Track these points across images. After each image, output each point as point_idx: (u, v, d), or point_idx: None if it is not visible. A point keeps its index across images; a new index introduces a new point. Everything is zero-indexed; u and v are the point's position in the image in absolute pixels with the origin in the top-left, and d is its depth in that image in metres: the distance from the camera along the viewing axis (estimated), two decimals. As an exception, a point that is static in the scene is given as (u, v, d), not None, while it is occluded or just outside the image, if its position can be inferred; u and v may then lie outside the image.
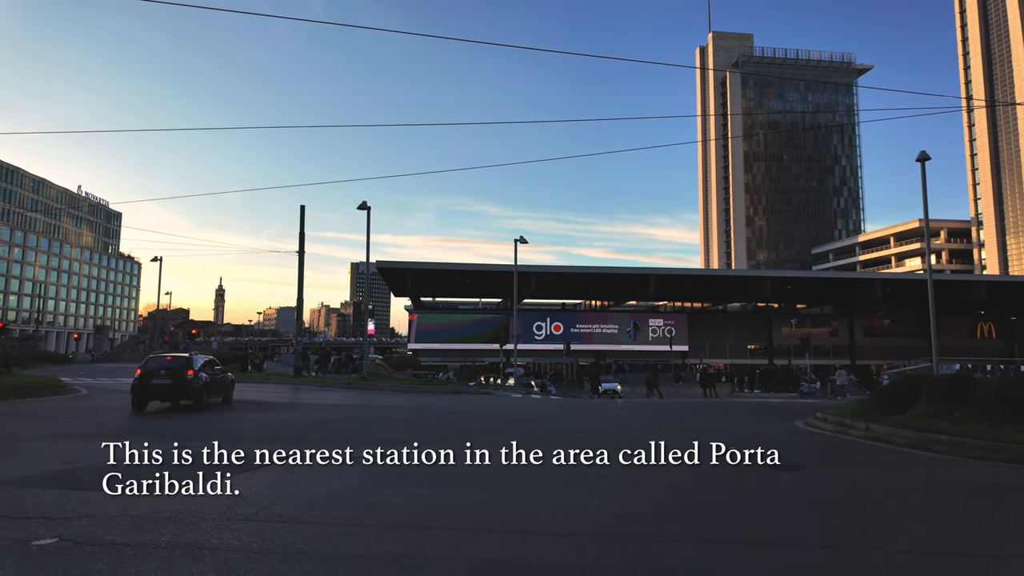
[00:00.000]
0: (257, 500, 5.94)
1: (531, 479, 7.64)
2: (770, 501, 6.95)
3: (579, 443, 11.24)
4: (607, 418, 16.88)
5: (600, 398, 33.85)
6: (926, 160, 25.41)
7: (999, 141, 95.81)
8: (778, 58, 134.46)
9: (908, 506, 6.84)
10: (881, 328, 67.97)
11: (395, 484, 7.08)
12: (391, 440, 10.52)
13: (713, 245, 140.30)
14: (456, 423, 14.65)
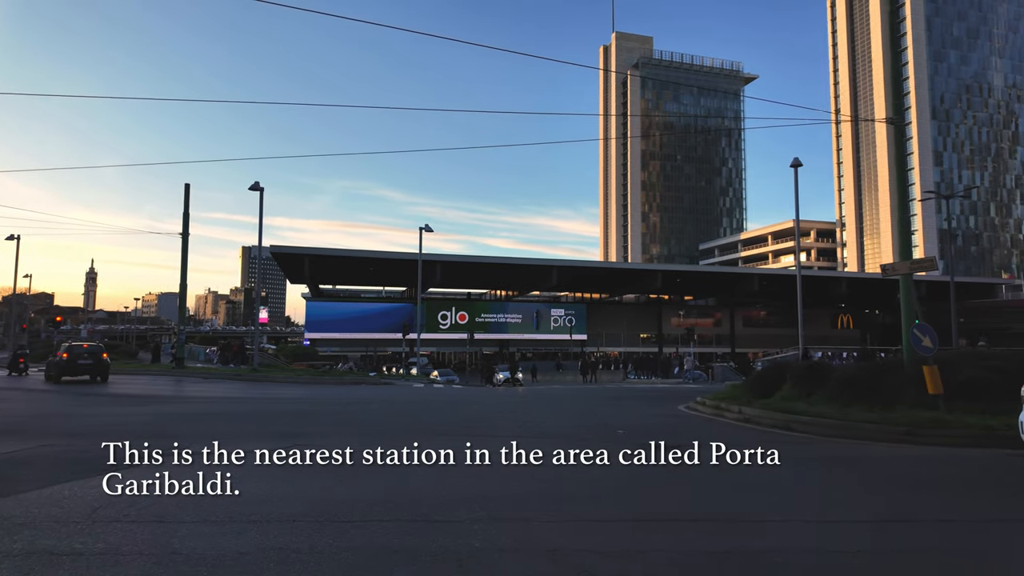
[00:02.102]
0: (130, 500, 5.55)
1: (428, 469, 7.68)
2: (652, 479, 7.43)
3: (478, 431, 11.46)
4: (508, 406, 17.23)
5: (502, 387, 34.40)
6: (798, 166, 28.01)
7: (861, 152, 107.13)
8: (675, 62, 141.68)
9: (766, 480, 7.58)
10: (758, 319, 74.32)
11: (285, 478, 6.86)
12: (283, 434, 10.16)
13: (612, 239, 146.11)
14: (353, 414, 14.36)
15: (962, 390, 11.72)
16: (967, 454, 9.40)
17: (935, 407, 11.35)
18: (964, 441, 10.28)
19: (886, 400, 12.00)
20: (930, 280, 57.35)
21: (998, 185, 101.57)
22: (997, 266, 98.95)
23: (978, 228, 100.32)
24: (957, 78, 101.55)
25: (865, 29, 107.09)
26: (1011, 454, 9.27)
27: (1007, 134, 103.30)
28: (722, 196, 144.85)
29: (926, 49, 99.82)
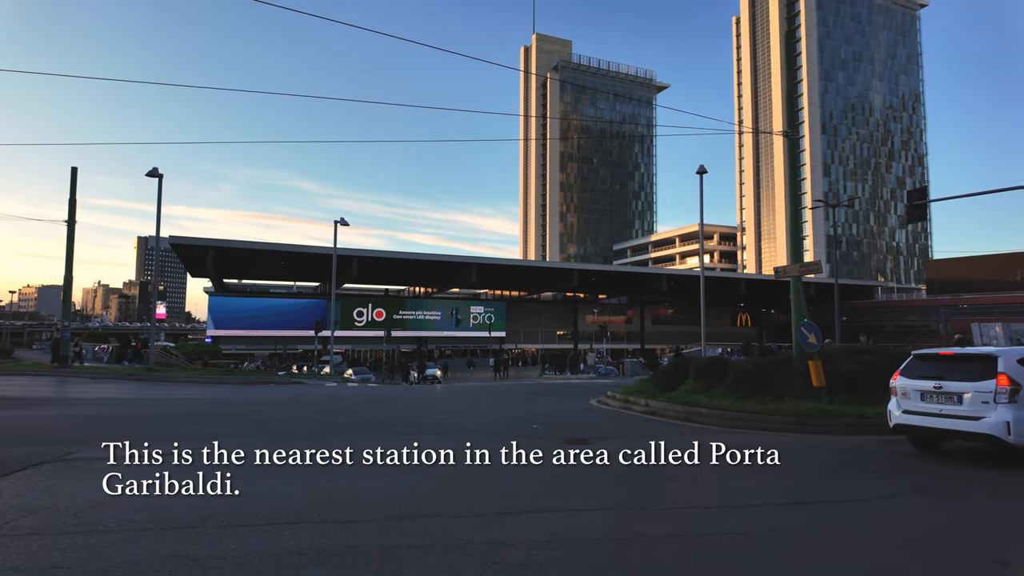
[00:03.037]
0: (1, 512, 5.06)
1: (339, 470, 7.53)
2: (560, 472, 7.66)
3: (393, 430, 11.32)
4: (424, 404, 17.10)
5: (419, 384, 34.07)
6: (703, 173, 29.61)
7: (760, 162, 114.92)
8: (593, 67, 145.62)
9: (671, 472, 8.02)
10: (666, 317, 78.09)
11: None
12: (178, 436, 9.57)
13: (531, 237, 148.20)
14: (258, 415, 13.75)
15: (842, 382, 12.90)
16: (845, 441, 10.36)
17: (819, 398, 12.42)
18: (844, 429, 11.33)
19: (777, 392, 13.00)
20: (818, 282, 62.42)
21: (876, 197, 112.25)
22: (874, 270, 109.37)
23: (859, 235, 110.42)
24: (844, 97, 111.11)
25: (766, 48, 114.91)
26: (880, 440, 10.33)
27: (884, 150, 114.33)
28: (635, 199, 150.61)
29: (818, 69, 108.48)
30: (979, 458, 8.66)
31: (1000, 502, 6.33)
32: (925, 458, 8.72)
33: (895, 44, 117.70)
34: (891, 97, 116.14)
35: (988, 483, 7.18)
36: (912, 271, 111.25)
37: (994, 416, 7.98)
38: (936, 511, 5.95)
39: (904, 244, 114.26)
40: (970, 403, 8.26)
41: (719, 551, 4.61)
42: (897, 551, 4.67)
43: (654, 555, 4.49)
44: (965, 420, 8.32)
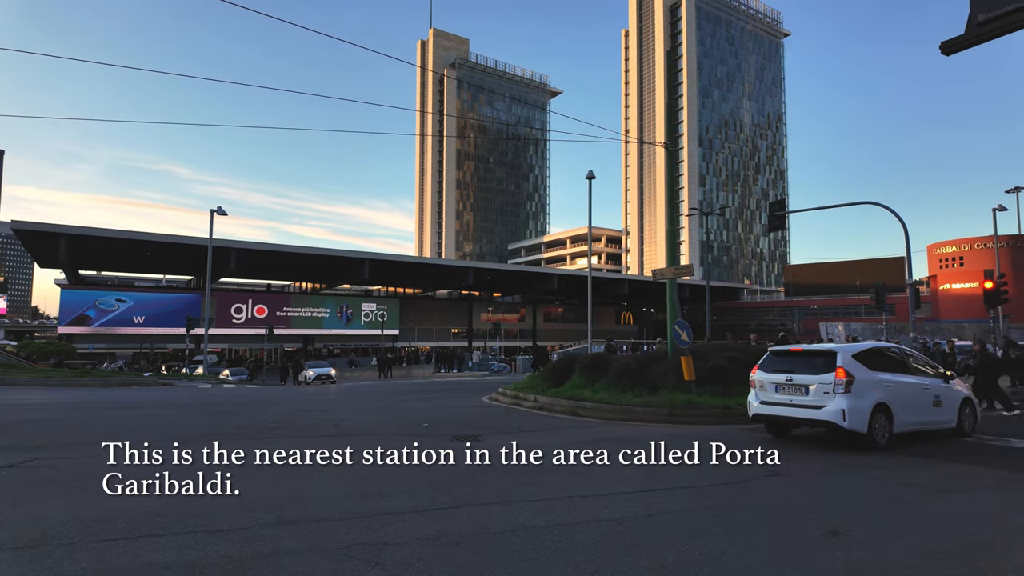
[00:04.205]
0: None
1: (212, 476, 7.06)
2: (448, 469, 7.70)
3: (276, 433, 10.77)
4: (309, 405, 16.43)
5: (313, 384, 32.58)
6: (592, 179, 30.89)
7: (644, 170, 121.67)
8: (490, 67, 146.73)
9: (556, 465, 8.33)
10: (557, 315, 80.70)
11: (18, 499, 5.79)
12: (14, 447, 8.54)
13: (426, 234, 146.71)
14: (118, 420, 12.53)
15: (710, 376, 14.04)
16: (711, 430, 11.28)
17: (689, 391, 13.44)
18: (710, 419, 12.35)
19: (653, 386, 13.90)
20: (692, 283, 67.25)
21: (744, 206, 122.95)
22: (741, 273, 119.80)
23: (729, 241, 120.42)
24: (719, 113, 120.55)
25: (651, 62, 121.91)
26: (742, 428, 11.38)
27: (752, 164, 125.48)
28: (529, 200, 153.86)
29: (696, 86, 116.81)
30: (821, 442, 9.81)
31: (835, 480, 7.21)
32: (778, 444, 9.72)
33: (763, 68, 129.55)
34: (758, 116, 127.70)
35: (826, 463, 8.15)
36: (773, 275, 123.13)
37: (833, 405, 9.08)
38: (784, 490, 6.67)
39: (767, 250, 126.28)
40: (815, 393, 9.34)
41: (594, 537, 4.87)
42: (750, 527, 5.20)
43: (533, 545, 4.66)
44: (811, 409, 9.39)
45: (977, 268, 63.28)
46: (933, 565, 4.32)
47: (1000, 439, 10.09)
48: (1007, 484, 6.94)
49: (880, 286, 21.17)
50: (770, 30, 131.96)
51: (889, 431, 9.23)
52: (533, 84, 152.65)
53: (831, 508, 5.84)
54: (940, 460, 8.35)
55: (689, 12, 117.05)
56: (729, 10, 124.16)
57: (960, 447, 9.38)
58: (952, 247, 72.34)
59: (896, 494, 6.43)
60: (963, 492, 6.57)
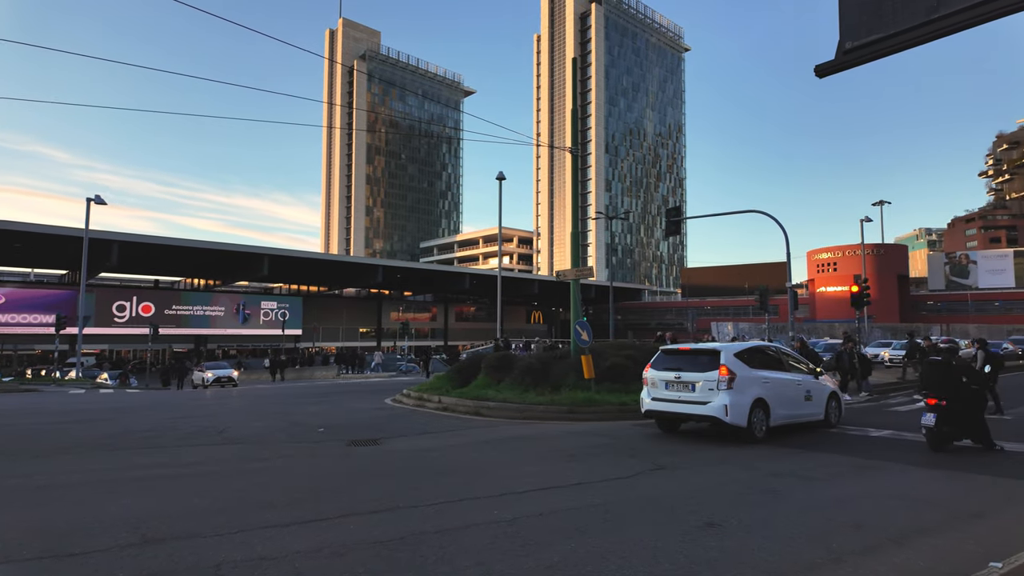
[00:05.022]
0: None
1: (73, 492, 6.41)
2: (337, 474, 7.43)
3: (152, 441, 9.92)
4: (198, 411, 15.33)
5: (211, 388, 30.39)
6: (503, 180, 31.13)
7: (555, 173, 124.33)
8: (402, 62, 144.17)
9: (453, 465, 8.27)
10: (468, 314, 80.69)
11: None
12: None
13: (334, 230, 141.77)
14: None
15: (608, 374, 14.52)
16: (607, 426, 11.67)
17: (589, 389, 13.83)
18: (608, 415, 12.76)
19: (555, 384, 14.18)
20: (598, 284, 69.56)
21: (647, 212, 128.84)
22: (643, 275, 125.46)
23: (632, 244, 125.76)
24: (624, 122, 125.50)
25: (562, 68, 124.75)
26: (635, 424, 11.85)
27: (654, 172, 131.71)
28: (442, 199, 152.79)
29: (604, 94, 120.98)
30: (706, 436, 10.40)
31: (715, 473, 7.65)
32: (667, 438, 10.21)
33: (665, 80, 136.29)
34: (660, 126, 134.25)
35: (709, 456, 8.64)
36: (672, 277, 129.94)
37: (717, 401, 9.66)
38: (668, 484, 6.99)
39: (666, 254, 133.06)
40: (700, 390, 9.88)
41: (484, 540, 4.85)
42: (635, 522, 5.38)
43: (421, 552, 4.57)
44: (696, 405, 9.93)
45: (848, 273, 70.04)
46: (794, 550, 4.66)
47: (859, 429, 11.16)
48: (862, 471, 7.66)
49: (764, 289, 22.85)
50: (673, 44, 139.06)
51: (766, 424, 9.94)
52: (447, 82, 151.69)
53: (709, 500, 6.18)
54: (808, 450, 9.09)
55: (598, 22, 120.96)
56: (635, 23, 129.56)
57: (826, 437, 10.28)
58: (828, 254, 79.62)
59: (767, 484, 6.91)
60: (825, 480, 7.18)
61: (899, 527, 5.22)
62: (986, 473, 7.42)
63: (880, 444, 9.64)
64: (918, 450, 9.00)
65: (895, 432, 10.70)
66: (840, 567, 4.30)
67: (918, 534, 5.04)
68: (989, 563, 4.25)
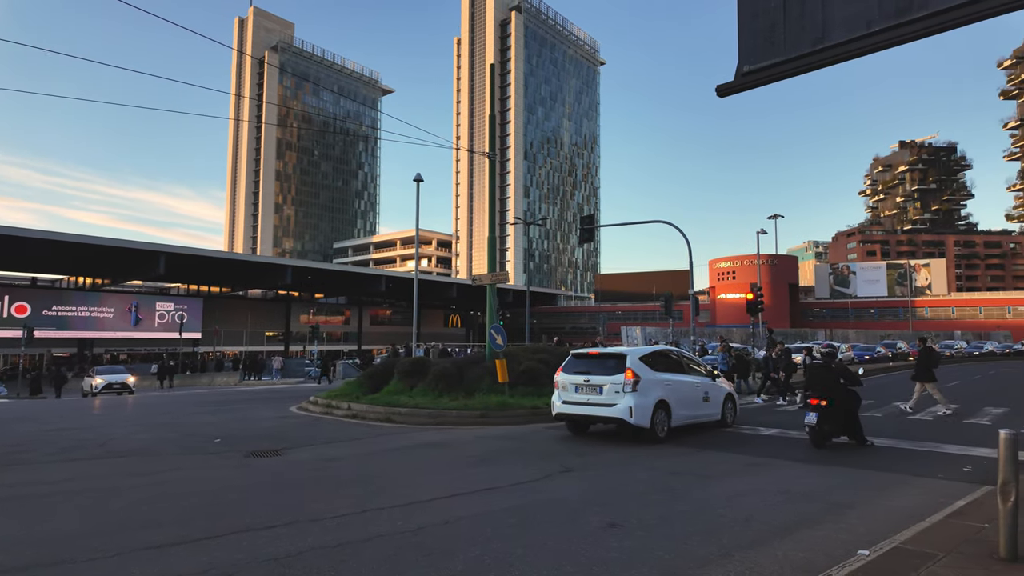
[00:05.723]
0: None
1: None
2: (233, 487, 7.00)
3: (14, 458, 8.89)
4: (71, 422, 13.96)
5: (101, 395, 27.68)
6: (420, 181, 30.69)
7: (474, 177, 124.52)
8: (317, 56, 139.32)
9: (357, 475, 8.01)
10: (384, 317, 78.95)
11: None
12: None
13: (239, 228, 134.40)
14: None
15: (523, 377, 14.66)
16: (519, 430, 11.76)
17: (503, 393, 13.89)
18: (520, 419, 12.86)
19: (469, 389, 14.12)
20: (516, 289, 70.25)
21: (563, 219, 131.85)
22: (559, 280, 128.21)
23: (549, 250, 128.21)
24: (542, 130, 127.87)
25: (482, 72, 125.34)
26: (547, 427, 12.02)
27: (570, 180, 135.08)
28: (358, 198, 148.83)
29: (523, 101, 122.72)
30: (612, 437, 10.72)
31: (619, 473, 7.88)
32: (576, 441, 10.43)
33: (581, 92, 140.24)
34: (576, 136, 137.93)
35: (614, 457, 8.90)
36: (586, 283, 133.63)
37: (623, 403, 9.98)
38: (575, 486, 7.11)
39: (581, 260, 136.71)
40: (608, 393, 10.18)
41: (386, 552, 4.72)
42: (540, 525, 5.42)
43: (318, 566, 4.37)
44: (604, 407, 10.22)
45: (746, 281, 74.90)
46: (688, 547, 4.87)
47: (751, 428, 11.91)
48: (753, 468, 8.16)
49: (668, 295, 23.96)
50: (589, 57, 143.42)
51: (668, 425, 10.39)
52: (364, 79, 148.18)
53: (612, 501, 6.35)
54: (705, 449, 9.58)
55: (518, 29, 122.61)
56: (554, 34, 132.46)
57: (721, 436, 10.88)
58: (727, 263, 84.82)
59: (667, 483, 7.21)
60: (719, 477, 7.58)
61: (782, 520, 5.59)
62: (859, 467, 8.12)
63: (769, 442, 10.33)
64: (802, 447, 9.72)
65: (782, 430, 11.51)
66: (729, 562, 4.53)
67: (799, 526, 5.42)
68: (858, 551, 4.64)
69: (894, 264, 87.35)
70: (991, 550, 4.36)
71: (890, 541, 4.77)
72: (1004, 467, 4.22)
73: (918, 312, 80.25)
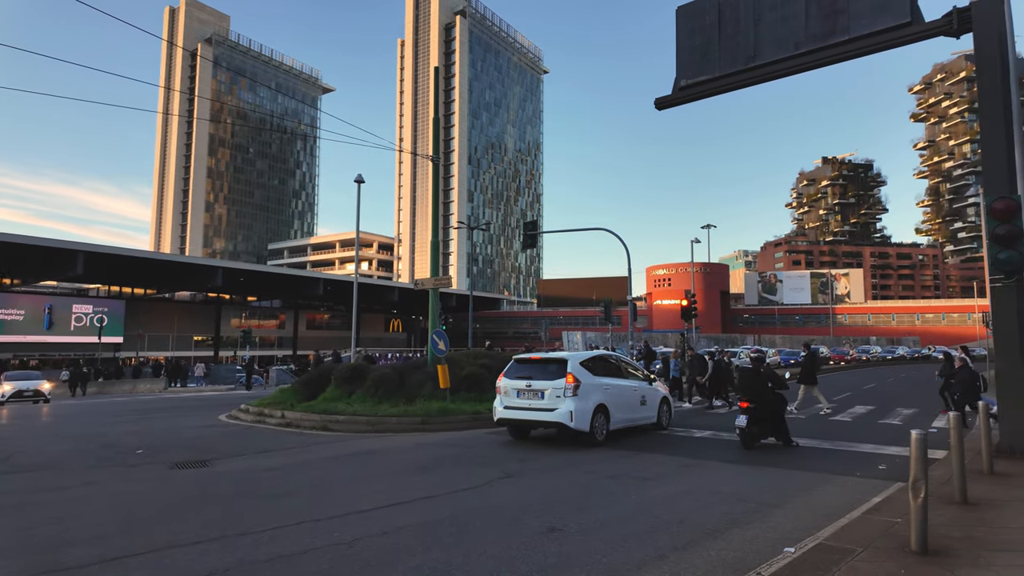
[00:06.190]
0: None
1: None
2: (155, 502, 6.59)
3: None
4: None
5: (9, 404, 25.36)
6: (361, 183, 30.07)
7: (417, 180, 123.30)
8: (254, 51, 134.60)
9: (292, 486, 7.72)
10: (322, 322, 76.80)
11: None
12: None
13: (167, 226, 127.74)
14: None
15: (464, 383, 14.57)
16: (460, 436, 11.67)
17: (444, 399, 13.76)
18: (462, 425, 12.77)
19: (410, 395, 13.91)
20: (459, 293, 70.00)
21: (506, 224, 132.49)
22: (502, 285, 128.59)
23: (492, 255, 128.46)
24: (486, 135, 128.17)
25: (426, 75, 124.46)
26: (488, 432, 11.98)
27: (513, 186, 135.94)
28: (295, 198, 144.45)
29: (467, 106, 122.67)
30: (553, 441, 10.80)
31: (559, 477, 7.94)
32: (517, 446, 10.44)
33: (525, 99, 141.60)
34: (520, 142, 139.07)
35: (554, 462, 8.96)
36: (529, 288, 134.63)
37: (563, 407, 10.08)
38: (515, 492, 7.11)
39: (524, 265, 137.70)
40: (549, 397, 10.25)
41: (320, 565, 4.56)
42: (480, 532, 5.38)
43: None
44: (545, 412, 10.29)
45: (681, 288, 77.33)
46: (626, 550, 4.95)
47: (686, 430, 12.28)
48: (687, 469, 8.41)
49: (608, 301, 24.45)
50: (533, 65, 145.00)
51: (607, 428, 10.56)
52: (303, 76, 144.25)
53: (552, 505, 6.39)
54: (641, 451, 9.80)
55: (463, 34, 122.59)
56: (499, 40, 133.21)
57: (657, 439, 11.16)
58: (664, 270, 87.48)
59: (605, 486, 7.31)
60: (655, 479, 7.76)
61: (714, 521, 5.78)
62: (785, 467, 8.51)
63: (702, 444, 10.68)
64: (733, 448, 10.09)
65: (715, 433, 11.93)
66: (664, 563, 4.63)
67: (730, 526, 5.61)
68: (784, 548, 4.84)
69: (817, 273, 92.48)
70: (903, 543, 4.64)
71: (814, 538, 5.00)
72: (915, 465, 4.50)
73: (838, 319, 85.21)
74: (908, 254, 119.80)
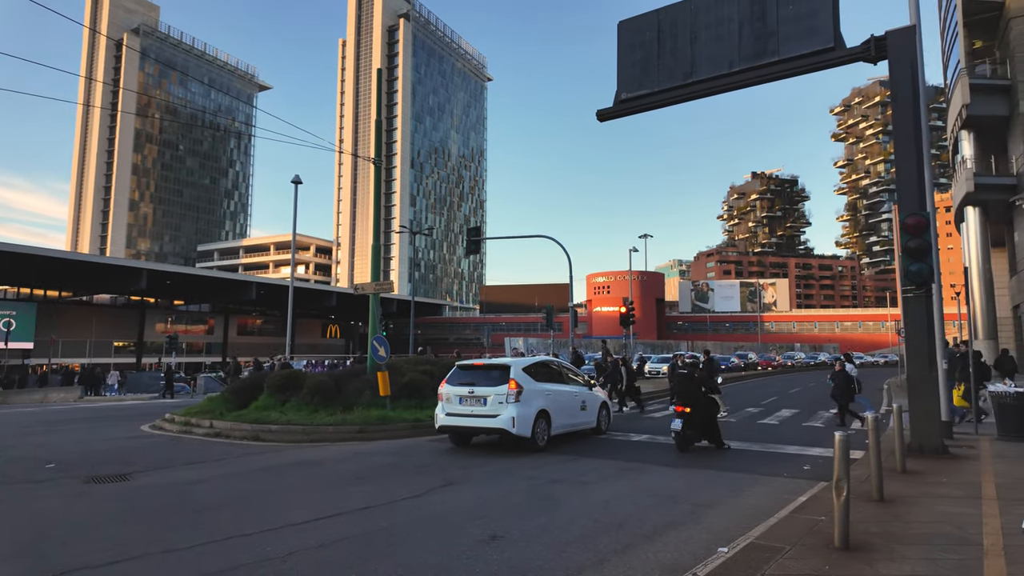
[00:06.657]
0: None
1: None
2: (68, 519, 6.12)
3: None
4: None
5: None
6: (299, 183, 29.21)
7: (358, 183, 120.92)
8: (185, 44, 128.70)
9: (221, 498, 7.36)
10: (254, 327, 73.90)
11: None
12: None
13: (86, 225, 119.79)
14: None
15: (405, 390, 14.33)
16: (400, 444, 11.46)
17: (384, 406, 13.48)
18: (402, 433, 12.54)
19: (347, 403, 13.55)
20: (400, 298, 68.96)
21: (449, 229, 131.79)
22: (445, 291, 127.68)
23: (435, 260, 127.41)
24: (430, 140, 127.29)
25: (368, 77, 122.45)
26: (430, 440, 11.82)
27: (457, 191, 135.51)
28: (227, 198, 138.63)
29: (410, 110, 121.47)
30: (495, 447, 10.78)
31: (500, 484, 7.92)
32: (460, 453, 10.35)
33: (469, 105, 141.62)
34: (464, 148, 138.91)
35: (496, 468, 8.94)
36: (471, 293, 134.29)
37: (506, 413, 10.08)
38: (456, 499, 7.04)
39: (467, 271, 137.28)
40: (491, 404, 10.23)
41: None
42: (420, 542, 5.29)
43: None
44: (487, 418, 10.26)
45: (619, 295, 79.14)
46: (567, 555, 4.98)
47: (623, 434, 12.53)
48: (625, 473, 8.57)
49: (550, 308, 24.72)
50: (477, 72, 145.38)
51: (548, 433, 10.64)
52: (238, 73, 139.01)
53: (493, 512, 6.36)
54: (582, 456, 9.92)
55: (406, 37, 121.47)
56: (443, 45, 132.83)
57: (597, 443, 11.34)
58: (603, 277, 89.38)
59: (547, 491, 7.35)
60: (595, 483, 7.87)
61: (652, 523, 5.91)
62: (718, 469, 8.82)
63: (640, 448, 10.92)
64: (669, 451, 10.38)
65: (651, 436, 12.23)
66: (605, 567, 4.69)
67: (667, 528, 5.75)
68: (718, 548, 5.00)
69: (746, 282, 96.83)
70: (828, 540, 4.89)
71: (745, 537, 5.19)
72: (838, 466, 4.75)
73: (766, 326, 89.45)
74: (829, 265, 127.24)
